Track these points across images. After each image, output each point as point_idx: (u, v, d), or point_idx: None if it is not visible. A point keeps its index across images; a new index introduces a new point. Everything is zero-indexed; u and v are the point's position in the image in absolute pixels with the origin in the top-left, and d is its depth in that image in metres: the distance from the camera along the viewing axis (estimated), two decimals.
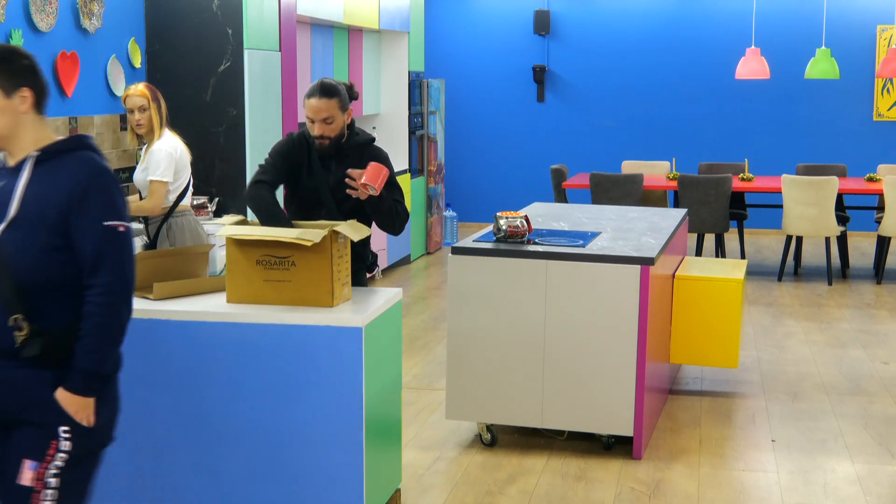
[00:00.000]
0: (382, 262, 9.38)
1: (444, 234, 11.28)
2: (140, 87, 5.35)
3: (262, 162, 4.42)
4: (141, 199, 5.42)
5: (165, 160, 5.26)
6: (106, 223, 2.77)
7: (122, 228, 2.80)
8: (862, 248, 11.32)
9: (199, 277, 4.14)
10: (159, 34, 6.71)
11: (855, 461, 5.05)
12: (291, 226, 4.05)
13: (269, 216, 4.17)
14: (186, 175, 5.42)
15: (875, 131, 11.96)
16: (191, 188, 5.49)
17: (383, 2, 9.62)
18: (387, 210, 4.32)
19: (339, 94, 4.30)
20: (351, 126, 4.45)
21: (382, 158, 4.43)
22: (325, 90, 4.29)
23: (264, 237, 3.80)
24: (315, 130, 4.31)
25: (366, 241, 4.49)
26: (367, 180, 4.16)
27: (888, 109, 11.91)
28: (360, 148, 4.43)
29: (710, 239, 11.39)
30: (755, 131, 12.17)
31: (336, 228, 3.84)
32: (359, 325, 3.72)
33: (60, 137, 2.90)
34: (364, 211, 4.40)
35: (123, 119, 6.46)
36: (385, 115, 10.28)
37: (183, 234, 5.37)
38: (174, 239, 5.35)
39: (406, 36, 10.28)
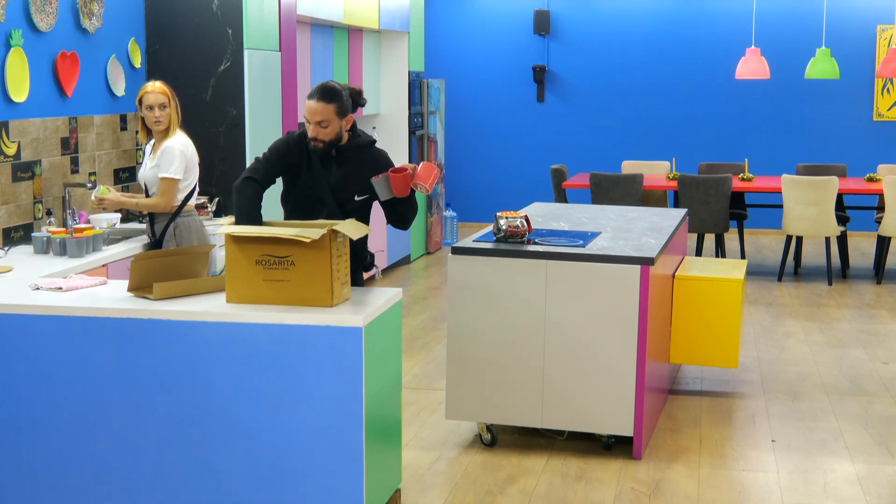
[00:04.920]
0: (382, 262, 9.38)
1: (444, 234, 11.28)
2: (159, 85, 5.35)
3: (259, 156, 4.44)
4: (147, 195, 5.41)
5: (178, 158, 5.26)
6: None
7: None
8: (862, 248, 11.32)
9: (199, 277, 4.14)
10: (159, 34, 6.71)
11: (855, 461, 5.05)
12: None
13: (246, 216, 4.21)
14: (195, 175, 5.42)
15: (875, 131, 11.96)
16: (197, 188, 5.49)
17: (383, 2, 9.62)
18: (408, 204, 4.45)
19: (338, 99, 4.32)
20: (353, 128, 4.49)
21: (384, 160, 4.49)
22: (324, 94, 4.31)
23: (264, 234, 3.80)
24: (310, 131, 4.35)
25: (363, 241, 4.51)
26: (419, 178, 4.28)
27: (888, 109, 11.90)
28: (361, 150, 4.47)
29: (710, 239, 11.39)
30: (755, 131, 12.17)
31: (335, 227, 3.85)
32: (359, 325, 3.72)
33: None
34: (364, 212, 4.44)
35: (123, 119, 6.46)
36: (385, 115, 10.28)
37: (189, 235, 5.36)
38: (181, 239, 5.33)
39: (406, 36, 10.28)
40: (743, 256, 10.02)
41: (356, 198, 4.42)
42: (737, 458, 5.12)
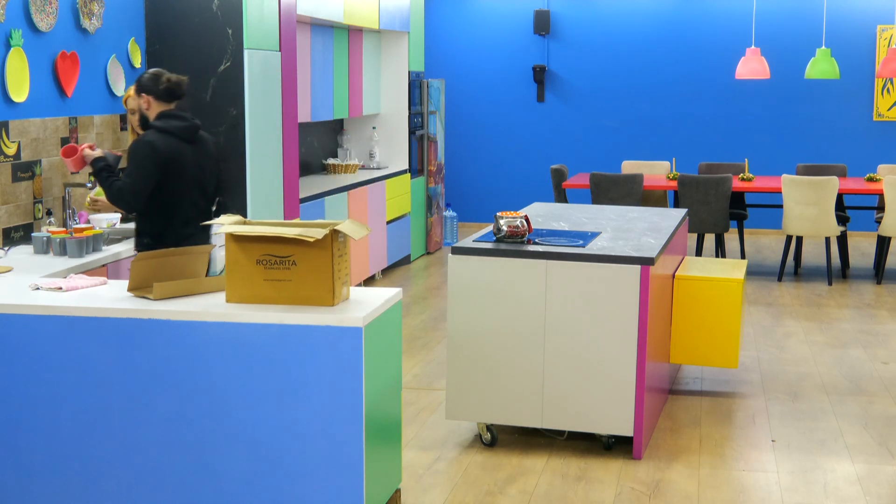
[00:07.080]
0: (382, 262, 9.38)
1: (444, 234, 11.28)
2: None
3: None
4: None
5: None
6: None
7: None
8: (862, 248, 11.32)
9: (199, 277, 4.14)
10: (159, 34, 6.71)
11: (855, 461, 5.05)
12: None
13: None
14: None
15: (875, 131, 11.96)
16: None
17: (383, 2, 9.62)
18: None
19: (138, 80, 4.91)
20: (163, 115, 4.83)
21: (134, 145, 4.80)
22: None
23: (265, 234, 3.80)
24: None
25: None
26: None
27: (888, 109, 11.91)
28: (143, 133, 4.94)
29: (710, 239, 11.39)
30: (755, 131, 12.17)
31: (337, 227, 3.85)
32: (359, 325, 3.72)
33: None
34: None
35: (123, 119, 6.46)
36: (385, 115, 10.28)
37: None
38: None
39: (406, 36, 10.28)
40: (743, 256, 10.02)
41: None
42: (737, 458, 5.12)
